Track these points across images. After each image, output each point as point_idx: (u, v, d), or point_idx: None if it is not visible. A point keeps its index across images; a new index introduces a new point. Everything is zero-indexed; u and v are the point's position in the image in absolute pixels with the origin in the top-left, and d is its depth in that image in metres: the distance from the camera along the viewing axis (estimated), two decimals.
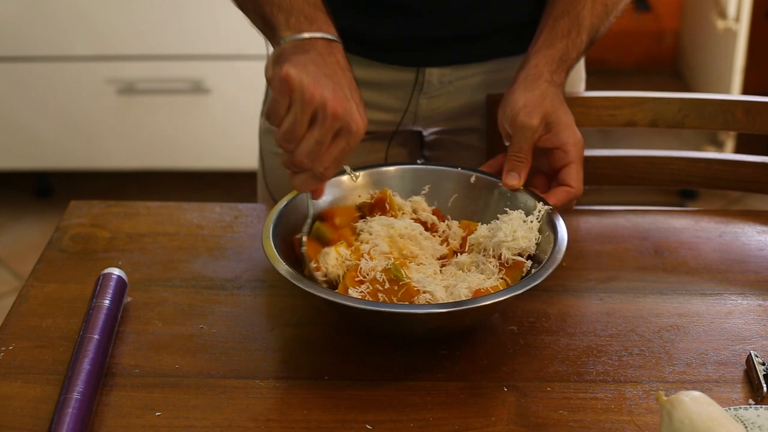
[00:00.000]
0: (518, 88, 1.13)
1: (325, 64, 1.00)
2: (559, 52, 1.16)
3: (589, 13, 1.18)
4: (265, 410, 0.94)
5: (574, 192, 1.11)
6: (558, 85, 1.15)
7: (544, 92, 1.12)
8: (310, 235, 1.06)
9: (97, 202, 1.28)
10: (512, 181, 1.10)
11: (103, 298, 1.04)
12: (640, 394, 0.96)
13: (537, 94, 1.12)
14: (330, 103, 0.96)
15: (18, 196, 2.98)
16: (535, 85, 1.13)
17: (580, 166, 1.12)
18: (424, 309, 0.95)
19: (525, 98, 1.11)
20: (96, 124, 2.73)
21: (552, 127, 1.11)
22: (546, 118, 1.10)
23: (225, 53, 2.65)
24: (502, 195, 1.11)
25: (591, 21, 1.18)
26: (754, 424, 0.90)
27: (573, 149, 1.11)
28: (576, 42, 1.17)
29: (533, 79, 1.13)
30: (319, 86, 0.96)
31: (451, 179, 1.14)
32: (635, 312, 1.08)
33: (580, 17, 1.17)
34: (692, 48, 3.22)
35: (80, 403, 0.91)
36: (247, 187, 2.92)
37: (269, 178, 1.39)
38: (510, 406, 0.95)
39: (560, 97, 1.14)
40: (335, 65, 1.01)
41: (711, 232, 1.22)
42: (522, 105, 1.11)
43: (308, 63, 0.99)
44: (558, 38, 1.16)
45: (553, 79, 1.14)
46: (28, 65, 2.66)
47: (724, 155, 1.36)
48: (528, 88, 1.12)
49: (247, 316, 1.07)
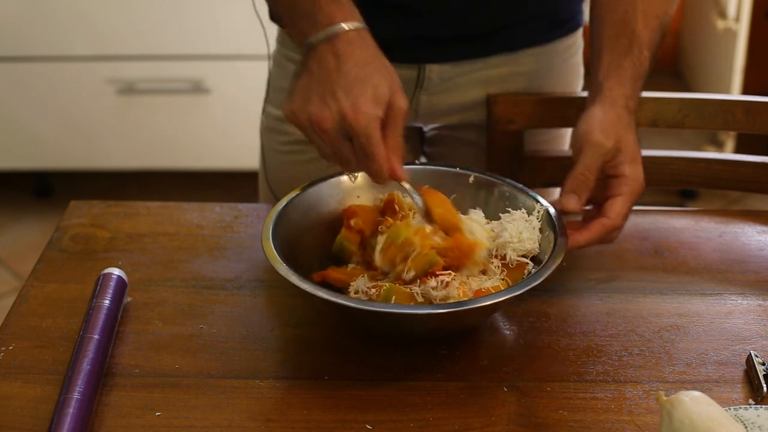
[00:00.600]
0: (596, 109, 1.08)
1: (321, 68, 0.99)
2: (629, 72, 1.11)
3: (644, 28, 1.13)
4: (265, 410, 0.94)
5: (610, 224, 1.05)
6: (632, 111, 1.10)
7: (620, 116, 1.08)
8: (333, 250, 1.07)
9: (97, 202, 1.28)
10: (570, 203, 1.04)
11: (103, 298, 1.04)
12: (640, 394, 0.96)
13: (613, 116, 1.07)
14: (314, 119, 0.98)
15: (18, 196, 2.98)
16: (612, 109, 1.08)
17: (628, 200, 1.06)
18: (424, 309, 0.95)
19: (601, 117, 1.07)
20: (96, 124, 2.73)
21: (618, 154, 1.06)
22: (618, 143, 1.06)
23: (225, 53, 2.65)
24: (502, 195, 1.11)
25: (649, 36, 1.13)
26: (754, 424, 0.90)
27: (629, 182, 1.06)
28: (640, 59, 1.12)
29: (611, 103, 1.09)
30: (304, 109, 0.99)
31: (450, 178, 1.14)
32: (635, 312, 1.08)
33: (636, 34, 1.12)
34: (692, 48, 3.22)
35: (80, 403, 0.91)
36: (247, 187, 2.92)
37: (270, 176, 1.40)
38: (510, 406, 0.95)
39: (633, 126, 1.09)
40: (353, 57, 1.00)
41: (711, 232, 1.22)
42: (598, 122, 1.06)
43: (298, 86, 1.01)
44: (622, 57, 1.11)
45: (628, 105, 1.10)
46: (28, 65, 2.66)
47: (724, 155, 1.36)
48: (605, 110, 1.08)
49: (247, 316, 1.07)
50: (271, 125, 1.38)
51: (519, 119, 1.31)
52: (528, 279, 0.98)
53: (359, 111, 0.97)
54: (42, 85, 2.68)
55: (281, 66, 1.36)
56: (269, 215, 1.05)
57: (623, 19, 1.13)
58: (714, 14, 2.88)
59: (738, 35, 2.75)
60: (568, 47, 1.36)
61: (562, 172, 1.33)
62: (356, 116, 0.97)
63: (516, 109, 1.31)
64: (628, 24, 1.13)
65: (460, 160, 1.15)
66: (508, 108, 1.31)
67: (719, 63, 2.91)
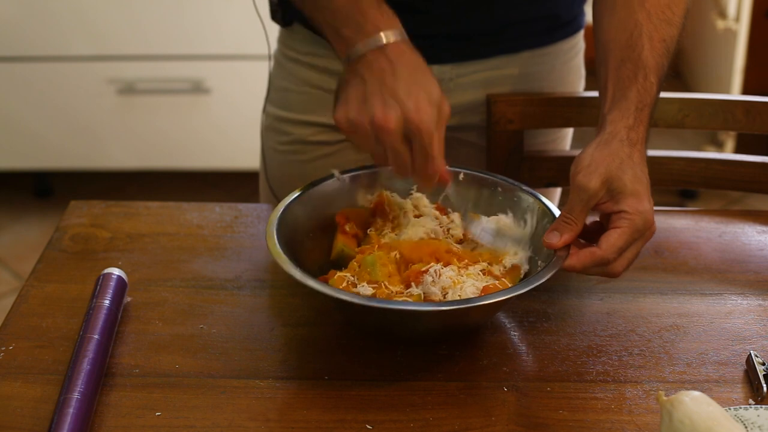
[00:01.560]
0: (590, 147, 1.04)
1: (373, 74, 1.01)
2: (633, 102, 1.06)
3: (650, 53, 1.09)
4: (265, 410, 0.94)
5: (600, 255, 1.00)
6: (634, 143, 1.04)
7: (614, 153, 1.02)
8: (333, 257, 1.08)
9: (97, 202, 1.28)
10: (552, 239, 1.01)
11: (103, 298, 1.04)
12: (640, 394, 0.96)
13: (605, 154, 1.02)
14: (378, 120, 0.99)
15: (18, 196, 2.98)
16: (607, 145, 1.03)
17: (624, 234, 1.00)
18: (432, 307, 0.95)
19: (592, 157, 1.03)
20: (96, 124, 2.73)
21: (615, 194, 1.01)
22: (609, 182, 1.01)
23: (225, 53, 2.65)
24: (494, 191, 1.12)
25: (655, 61, 1.09)
26: (754, 424, 0.90)
27: (628, 216, 1.00)
28: (646, 86, 1.07)
29: (608, 139, 1.04)
30: (365, 113, 1.00)
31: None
32: (635, 312, 1.08)
33: (642, 59, 1.08)
34: (692, 48, 3.22)
35: (80, 403, 0.91)
36: (247, 187, 2.93)
37: (271, 174, 1.40)
38: (510, 406, 0.95)
39: (634, 158, 1.03)
40: (400, 66, 1.02)
41: (711, 232, 1.22)
42: (586, 164, 1.02)
43: (351, 93, 1.02)
44: (626, 87, 1.07)
45: (629, 136, 1.04)
46: (28, 65, 2.66)
47: (724, 155, 1.36)
48: (599, 148, 1.03)
49: (247, 316, 1.07)
50: (271, 125, 1.38)
51: (519, 119, 1.31)
52: (534, 277, 0.98)
53: (423, 111, 0.99)
54: (42, 85, 2.68)
55: (282, 66, 1.36)
56: (271, 216, 1.05)
57: (628, 44, 1.10)
58: (714, 14, 2.88)
59: (738, 35, 2.75)
60: (570, 49, 1.36)
61: (562, 173, 1.34)
62: (420, 116, 0.99)
63: (516, 109, 1.31)
64: (634, 49, 1.09)
65: (459, 162, 1.16)
66: (508, 108, 1.31)
67: (719, 63, 2.91)
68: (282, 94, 1.37)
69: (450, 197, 1.11)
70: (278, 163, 1.38)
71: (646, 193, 1.02)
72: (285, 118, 1.36)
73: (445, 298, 0.99)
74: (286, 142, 1.36)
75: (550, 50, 1.33)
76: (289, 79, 1.35)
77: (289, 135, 1.35)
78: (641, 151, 1.05)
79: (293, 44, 1.34)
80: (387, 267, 1.02)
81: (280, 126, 1.36)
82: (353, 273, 1.02)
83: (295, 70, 1.34)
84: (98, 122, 2.73)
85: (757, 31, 2.88)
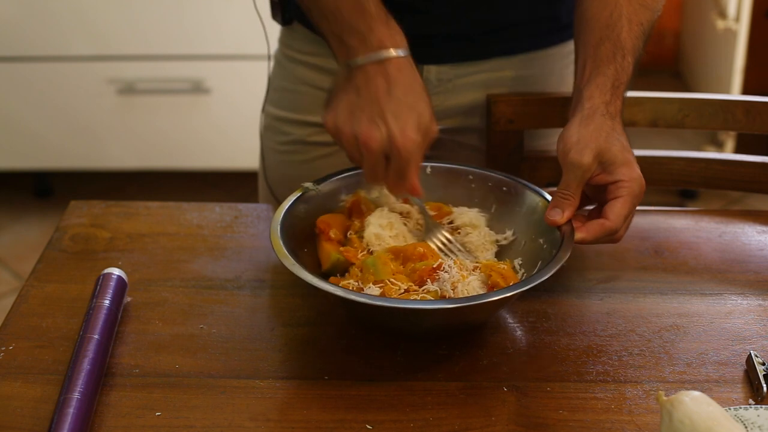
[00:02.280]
0: (574, 124, 1.08)
1: (369, 89, 1.04)
2: (610, 78, 1.11)
3: (628, 35, 1.13)
4: (265, 410, 0.95)
5: (609, 225, 1.04)
6: (614, 116, 1.09)
7: (599, 127, 1.07)
8: (325, 269, 1.08)
9: (97, 202, 1.28)
10: (555, 216, 1.05)
11: (103, 298, 1.04)
12: (640, 394, 0.96)
13: (591, 130, 1.07)
14: (362, 138, 1.03)
15: (18, 196, 2.98)
16: (590, 120, 1.08)
17: (627, 201, 1.05)
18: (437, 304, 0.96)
19: (579, 134, 1.07)
20: (96, 124, 2.73)
21: (607, 166, 1.06)
22: (600, 156, 1.06)
23: (225, 53, 2.65)
24: (464, 184, 1.14)
25: (632, 43, 1.13)
26: (754, 424, 0.90)
27: (626, 184, 1.05)
28: (623, 65, 1.11)
29: (589, 114, 1.08)
30: (350, 126, 1.04)
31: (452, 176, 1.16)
32: (635, 312, 1.08)
33: (620, 40, 1.12)
34: (692, 48, 3.22)
35: (80, 403, 0.91)
36: (247, 187, 2.93)
37: (269, 174, 1.40)
38: (510, 406, 0.95)
39: (617, 130, 1.08)
40: (395, 84, 1.05)
41: (711, 232, 1.22)
42: (575, 141, 1.06)
43: (343, 100, 1.05)
44: (605, 64, 1.11)
45: (609, 110, 1.09)
46: (28, 65, 2.66)
47: (724, 155, 1.36)
48: (583, 124, 1.08)
49: (247, 316, 1.07)
50: (271, 124, 1.38)
51: (519, 119, 1.31)
52: (537, 274, 0.98)
53: (407, 137, 1.03)
54: (42, 85, 2.68)
55: (282, 66, 1.36)
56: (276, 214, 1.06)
57: (608, 23, 1.13)
58: (714, 14, 2.88)
59: (738, 35, 2.75)
60: (570, 52, 1.35)
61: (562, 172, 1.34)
62: (404, 142, 1.03)
63: (516, 109, 1.31)
64: (613, 29, 1.13)
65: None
66: (508, 108, 1.31)
67: (719, 63, 2.91)
68: (281, 94, 1.37)
69: (419, 203, 1.12)
70: (277, 164, 1.38)
71: (635, 160, 1.08)
72: (284, 118, 1.36)
73: (455, 293, 1.00)
74: (286, 142, 1.36)
75: (549, 53, 1.33)
76: (289, 79, 1.35)
77: (289, 135, 1.35)
78: (620, 123, 1.10)
79: (293, 44, 1.34)
80: (389, 265, 1.02)
81: (280, 126, 1.36)
82: (356, 279, 1.03)
83: (295, 69, 1.34)
84: (98, 122, 2.73)
85: (757, 31, 2.88)
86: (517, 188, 1.13)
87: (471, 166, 1.16)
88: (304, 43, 1.32)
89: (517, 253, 1.09)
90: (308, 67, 1.32)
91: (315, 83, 1.32)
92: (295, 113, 1.35)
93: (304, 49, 1.32)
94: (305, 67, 1.33)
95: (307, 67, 1.32)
